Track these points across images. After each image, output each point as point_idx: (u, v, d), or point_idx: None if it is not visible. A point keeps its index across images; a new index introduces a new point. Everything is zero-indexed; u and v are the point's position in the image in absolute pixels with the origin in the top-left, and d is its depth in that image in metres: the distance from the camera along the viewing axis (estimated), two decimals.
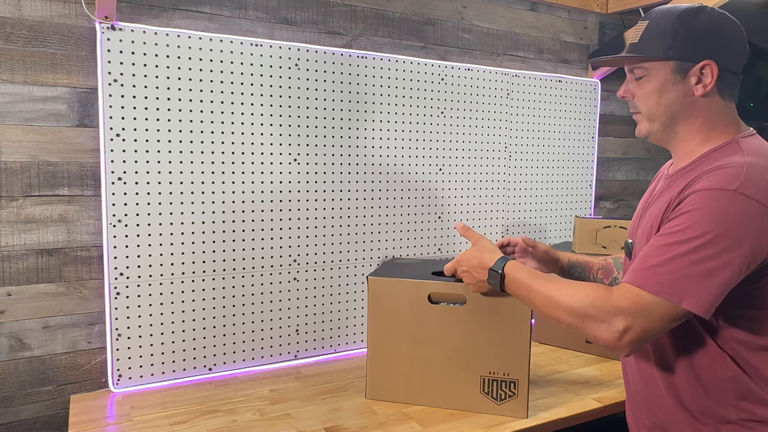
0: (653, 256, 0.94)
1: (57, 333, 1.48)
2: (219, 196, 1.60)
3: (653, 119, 1.08)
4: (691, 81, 1.03)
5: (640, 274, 0.95)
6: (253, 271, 1.66)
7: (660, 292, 0.91)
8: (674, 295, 0.91)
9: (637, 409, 1.16)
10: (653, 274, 0.93)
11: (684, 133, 1.07)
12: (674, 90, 1.04)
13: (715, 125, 1.05)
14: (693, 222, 0.92)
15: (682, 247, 0.91)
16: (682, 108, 1.05)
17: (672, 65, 1.03)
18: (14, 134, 1.40)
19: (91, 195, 1.49)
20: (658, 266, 0.93)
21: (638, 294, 0.93)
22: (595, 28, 2.33)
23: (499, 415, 1.38)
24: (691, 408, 1.04)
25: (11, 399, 1.45)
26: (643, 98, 1.08)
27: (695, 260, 0.90)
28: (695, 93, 1.03)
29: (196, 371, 1.61)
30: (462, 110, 1.98)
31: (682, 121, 1.06)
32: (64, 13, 1.43)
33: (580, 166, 2.29)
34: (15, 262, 1.43)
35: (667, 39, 1.02)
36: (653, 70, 1.05)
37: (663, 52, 1.03)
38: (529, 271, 1.12)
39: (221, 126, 1.59)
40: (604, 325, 0.95)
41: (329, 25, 1.77)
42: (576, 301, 0.98)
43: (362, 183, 1.81)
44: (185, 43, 1.52)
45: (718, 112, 1.05)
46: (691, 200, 0.95)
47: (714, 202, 0.92)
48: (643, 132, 1.11)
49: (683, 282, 0.90)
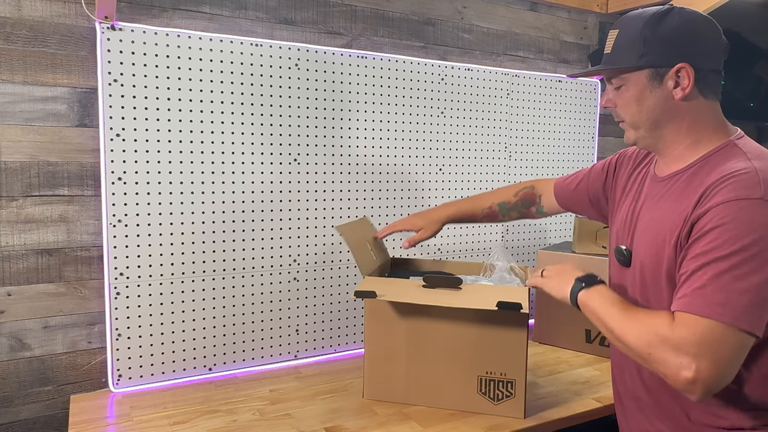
0: (696, 280, 0.90)
1: (57, 333, 1.49)
2: (219, 196, 1.60)
3: (637, 126, 1.06)
4: (669, 85, 1.01)
5: (688, 300, 0.90)
6: (253, 271, 1.66)
7: (713, 315, 0.86)
8: (725, 316, 0.86)
9: (639, 416, 1.13)
10: (701, 296, 0.88)
11: (672, 137, 1.05)
12: (653, 96, 1.02)
13: (704, 127, 1.03)
14: (727, 236, 0.88)
15: (722, 263, 0.87)
16: (665, 113, 1.03)
17: (647, 72, 1.01)
18: (14, 134, 1.40)
19: (91, 195, 1.49)
20: (704, 287, 0.88)
21: (691, 320, 0.88)
22: (595, 28, 2.33)
23: (496, 416, 1.38)
24: (698, 417, 1.02)
25: (11, 399, 1.45)
26: (624, 107, 1.06)
27: (740, 275, 0.86)
28: (675, 97, 1.01)
29: (196, 371, 1.61)
30: (462, 110, 1.98)
31: (668, 125, 1.04)
32: (64, 13, 1.43)
33: (580, 166, 2.29)
34: (15, 262, 1.43)
35: (638, 47, 1.00)
36: (630, 79, 1.03)
37: (635, 60, 1.01)
38: (603, 298, 1.03)
39: (221, 126, 1.59)
40: (672, 362, 0.89)
41: (329, 25, 1.77)
42: (638, 342, 0.93)
43: (362, 183, 1.81)
44: (185, 43, 1.52)
45: (703, 113, 1.03)
46: (716, 214, 0.91)
47: (742, 212, 0.89)
48: (630, 139, 1.09)
49: (734, 300, 0.86)
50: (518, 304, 1.28)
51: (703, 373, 0.85)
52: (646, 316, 0.95)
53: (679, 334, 0.88)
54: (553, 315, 1.89)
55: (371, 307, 1.44)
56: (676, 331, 0.89)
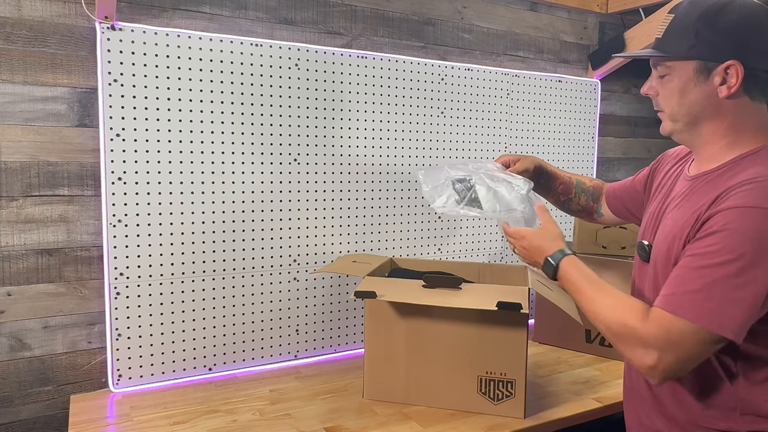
0: (689, 281, 0.90)
1: (57, 333, 1.49)
2: (219, 196, 1.60)
3: (675, 119, 1.03)
4: (716, 81, 0.97)
5: (675, 299, 0.90)
6: (253, 271, 1.66)
7: (699, 320, 0.87)
8: (713, 323, 0.86)
9: (640, 411, 1.14)
10: (691, 301, 0.88)
11: (709, 136, 1.02)
12: (696, 90, 0.98)
13: (744, 129, 0.99)
14: (728, 243, 0.87)
15: (719, 270, 0.87)
16: (706, 109, 0.99)
17: (694, 65, 0.97)
18: (14, 134, 1.40)
19: (91, 195, 1.49)
20: (696, 292, 0.88)
21: (671, 322, 0.89)
22: (595, 28, 2.33)
23: (496, 415, 1.38)
24: (695, 418, 1.02)
25: (11, 399, 1.45)
26: (665, 97, 1.03)
27: (736, 285, 0.86)
28: (719, 94, 0.97)
29: (196, 371, 1.61)
30: (462, 110, 1.98)
31: (707, 122, 1.01)
32: (64, 13, 1.43)
33: (580, 166, 2.29)
34: (15, 262, 1.43)
35: (689, 37, 0.96)
36: (675, 69, 0.99)
37: (684, 50, 0.97)
38: (582, 272, 1.07)
39: (221, 126, 1.59)
40: (637, 351, 0.92)
41: (329, 25, 1.77)
42: (612, 317, 0.95)
43: (362, 183, 1.81)
44: (185, 43, 1.52)
45: (746, 115, 0.99)
46: (723, 218, 0.90)
47: (749, 221, 0.87)
48: (666, 130, 1.07)
49: (725, 309, 0.86)
50: (518, 304, 1.28)
51: (665, 365, 0.91)
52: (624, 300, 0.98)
53: (649, 330, 0.91)
54: (553, 315, 1.89)
55: (371, 307, 1.44)
56: (648, 326, 0.91)
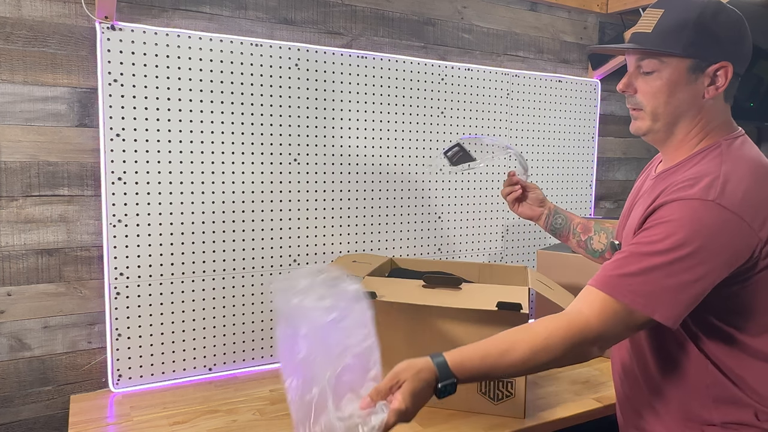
0: (627, 264, 0.92)
1: (57, 333, 1.49)
2: (219, 196, 1.60)
3: (657, 119, 1.01)
4: (704, 82, 0.97)
5: (611, 280, 0.93)
6: (253, 271, 1.66)
7: (633, 303, 0.90)
8: (647, 307, 0.90)
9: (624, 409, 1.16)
10: (626, 283, 0.91)
11: (682, 135, 1.02)
12: (685, 90, 0.97)
13: (712, 128, 1.01)
14: (670, 233, 0.90)
15: (658, 258, 0.90)
16: (689, 110, 0.99)
17: (688, 63, 0.96)
18: (14, 134, 1.40)
19: (91, 195, 1.49)
20: (633, 276, 0.91)
21: (605, 300, 0.92)
22: (595, 28, 2.33)
23: (496, 415, 1.38)
24: (673, 411, 1.03)
25: (11, 399, 1.45)
26: (649, 95, 1.00)
27: (671, 272, 0.89)
28: (705, 95, 0.97)
29: (196, 371, 1.61)
30: (462, 110, 1.98)
31: (684, 122, 1.00)
32: (64, 13, 1.43)
33: (580, 166, 2.29)
34: (15, 262, 1.43)
35: (688, 33, 0.94)
36: (667, 66, 0.97)
37: (681, 47, 0.94)
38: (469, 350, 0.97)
39: (221, 126, 1.59)
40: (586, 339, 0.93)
41: (329, 25, 1.77)
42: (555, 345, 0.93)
43: (362, 183, 1.81)
44: (185, 43, 1.52)
45: (718, 115, 1.01)
46: (668, 209, 0.92)
47: (692, 213, 0.89)
48: (642, 129, 1.04)
49: (658, 294, 0.89)
50: (518, 305, 1.28)
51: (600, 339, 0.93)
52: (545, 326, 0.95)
53: (584, 309, 0.94)
54: None
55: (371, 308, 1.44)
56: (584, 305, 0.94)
